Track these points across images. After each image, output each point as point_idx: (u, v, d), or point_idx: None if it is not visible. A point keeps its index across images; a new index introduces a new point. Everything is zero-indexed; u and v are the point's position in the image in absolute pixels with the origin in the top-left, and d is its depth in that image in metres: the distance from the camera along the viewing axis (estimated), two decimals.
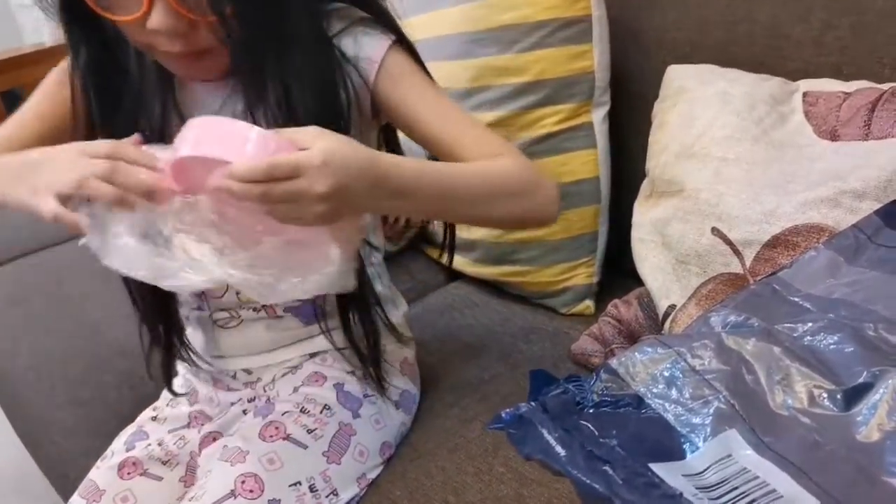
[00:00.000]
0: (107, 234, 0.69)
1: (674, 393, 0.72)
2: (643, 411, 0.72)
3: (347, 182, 0.67)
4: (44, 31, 2.72)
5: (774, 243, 0.90)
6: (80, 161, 0.70)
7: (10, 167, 0.77)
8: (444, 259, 1.08)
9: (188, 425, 0.97)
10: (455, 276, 1.43)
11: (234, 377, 0.98)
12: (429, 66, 0.92)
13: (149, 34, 0.73)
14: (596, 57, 1.18)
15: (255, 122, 0.76)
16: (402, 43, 0.88)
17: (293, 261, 0.71)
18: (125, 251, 0.69)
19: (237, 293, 0.92)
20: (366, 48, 0.85)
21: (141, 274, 0.69)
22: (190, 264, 0.69)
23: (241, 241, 0.70)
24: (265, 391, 0.96)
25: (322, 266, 0.70)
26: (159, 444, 0.94)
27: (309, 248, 0.71)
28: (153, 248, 0.70)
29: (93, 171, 0.69)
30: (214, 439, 0.93)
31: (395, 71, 0.87)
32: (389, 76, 0.86)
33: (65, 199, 0.70)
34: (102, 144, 0.72)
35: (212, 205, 0.69)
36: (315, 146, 0.66)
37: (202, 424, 0.97)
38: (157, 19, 0.72)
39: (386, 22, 0.88)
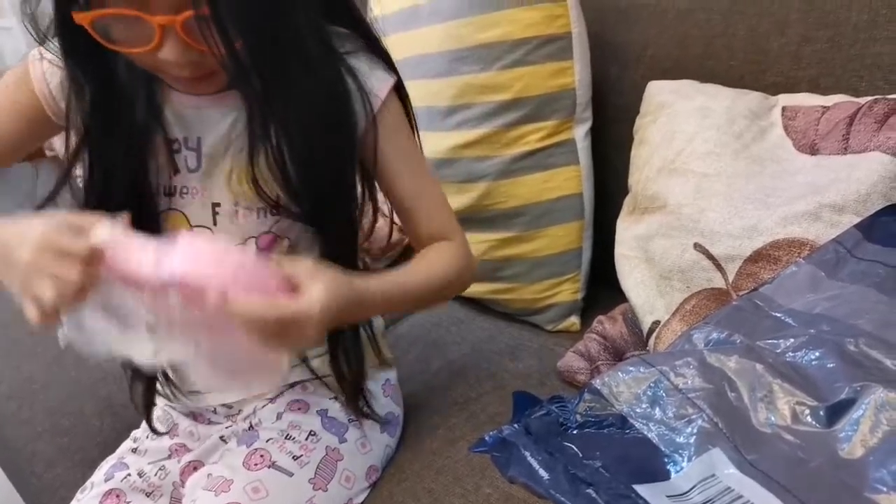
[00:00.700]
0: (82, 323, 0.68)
1: (657, 412, 0.72)
2: (627, 431, 0.71)
3: (334, 318, 0.71)
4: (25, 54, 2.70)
5: (756, 258, 0.90)
6: (48, 266, 0.65)
7: None
8: None
9: (168, 457, 0.96)
10: None
11: (214, 412, 0.96)
12: (411, 84, 0.92)
13: (158, 62, 0.73)
14: (577, 73, 1.18)
15: (255, 141, 0.78)
16: (400, 88, 0.90)
17: (245, 362, 0.72)
18: (88, 330, 0.68)
19: None
20: (372, 79, 0.86)
21: (99, 349, 0.68)
22: (145, 339, 0.68)
23: (199, 337, 0.69)
24: (247, 421, 0.95)
25: (271, 371, 0.73)
26: (140, 475, 0.92)
27: (263, 355, 0.72)
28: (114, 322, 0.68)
29: (64, 279, 0.64)
30: (195, 468, 0.91)
31: (391, 121, 0.88)
32: (385, 123, 0.87)
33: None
34: (66, 241, 0.65)
35: (183, 307, 0.67)
36: (312, 293, 0.68)
37: (182, 455, 0.95)
38: (168, 52, 0.71)
39: (388, 62, 0.88)
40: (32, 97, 0.86)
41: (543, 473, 0.67)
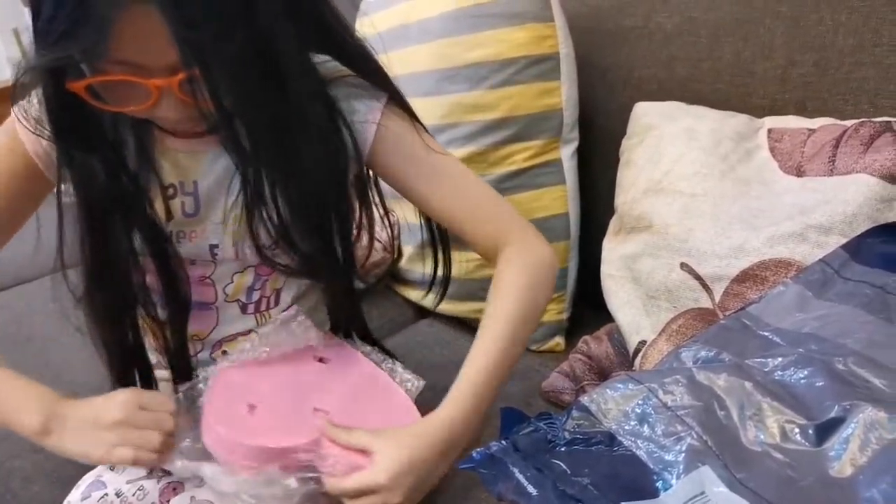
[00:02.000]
0: None
1: (646, 430, 0.71)
2: (615, 449, 0.71)
3: (421, 474, 0.76)
4: (6, 68, 2.69)
5: (743, 278, 0.91)
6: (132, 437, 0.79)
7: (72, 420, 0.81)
8: (428, 298, 1.08)
9: (147, 476, 0.94)
10: (425, 313, 1.41)
11: None
12: None
13: (154, 116, 0.75)
14: (564, 94, 1.19)
15: (251, 201, 0.80)
16: (395, 99, 0.88)
17: None
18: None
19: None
20: (359, 111, 0.85)
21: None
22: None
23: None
24: None
25: None
26: (117, 495, 0.90)
27: None
28: None
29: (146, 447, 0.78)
30: (175, 490, 0.89)
31: (391, 137, 0.86)
32: (383, 141, 0.86)
33: None
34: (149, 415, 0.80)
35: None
36: (375, 463, 0.74)
37: (161, 476, 0.93)
38: (164, 110, 0.72)
39: (377, 80, 0.86)
40: (27, 158, 0.85)
41: (532, 490, 0.66)
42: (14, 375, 0.84)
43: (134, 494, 0.90)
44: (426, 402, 1.10)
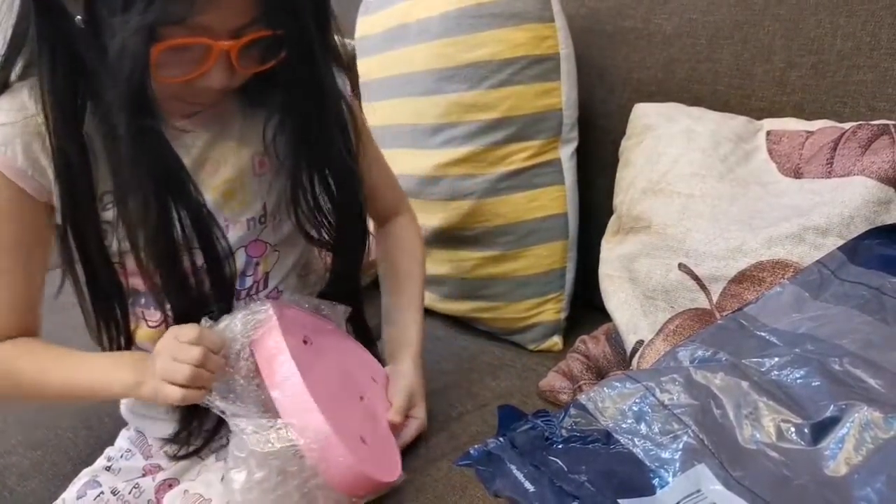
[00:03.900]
0: None
1: (643, 428, 0.71)
2: (612, 447, 0.71)
3: None
4: None
5: (741, 279, 0.91)
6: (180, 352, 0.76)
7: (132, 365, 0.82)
8: (427, 297, 1.10)
9: (143, 476, 0.94)
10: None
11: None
12: (398, 102, 0.93)
13: (191, 90, 0.75)
14: (564, 94, 1.19)
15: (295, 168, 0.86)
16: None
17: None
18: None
19: None
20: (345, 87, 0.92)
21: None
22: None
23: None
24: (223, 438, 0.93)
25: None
26: (113, 493, 0.90)
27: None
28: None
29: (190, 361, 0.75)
30: (170, 486, 0.89)
31: (355, 107, 0.92)
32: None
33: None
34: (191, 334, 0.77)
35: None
36: (420, 410, 0.95)
37: (157, 474, 0.93)
38: (215, 78, 0.74)
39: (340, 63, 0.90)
40: (21, 197, 0.79)
41: (529, 486, 0.66)
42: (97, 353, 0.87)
43: (130, 492, 0.90)
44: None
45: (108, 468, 0.95)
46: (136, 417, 0.97)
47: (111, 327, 0.87)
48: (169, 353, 0.76)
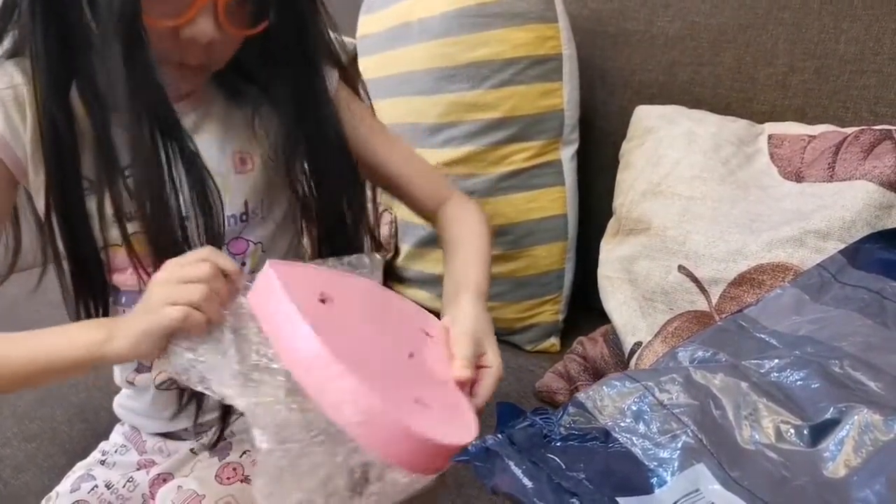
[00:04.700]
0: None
1: (641, 427, 0.71)
2: (611, 445, 0.71)
3: None
4: None
5: (740, 281, 0.91)
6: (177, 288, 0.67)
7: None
8: (426, 295, 1.08)
9: (137, 470, 0.93)
10: None
11: (185, 430, 0.94)
12: (398, 101, 0.93)
13: (178, 43, 0.74)
14: (565, 95, 1.19)
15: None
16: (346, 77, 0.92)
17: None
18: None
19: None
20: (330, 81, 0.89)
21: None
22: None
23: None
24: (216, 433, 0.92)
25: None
26: (108, 487, 0.89)
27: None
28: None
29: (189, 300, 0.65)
30: (165, 480, 0.89)
31: (344, 104, 0.90)
32: (344, 109, 0.90)
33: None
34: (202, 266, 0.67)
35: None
36: (494, 357, 0.73)
37: (151, 468, 0.93)
38: (201, 27, 0.72)
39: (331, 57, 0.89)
40: None
41: (527, 482, 0.66)
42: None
43: (125, 486, 0.90)
44: None
45: (102, 462, 0.94)
46: (127, 413, 0.96)
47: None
48: (172, 277, 0.67)
